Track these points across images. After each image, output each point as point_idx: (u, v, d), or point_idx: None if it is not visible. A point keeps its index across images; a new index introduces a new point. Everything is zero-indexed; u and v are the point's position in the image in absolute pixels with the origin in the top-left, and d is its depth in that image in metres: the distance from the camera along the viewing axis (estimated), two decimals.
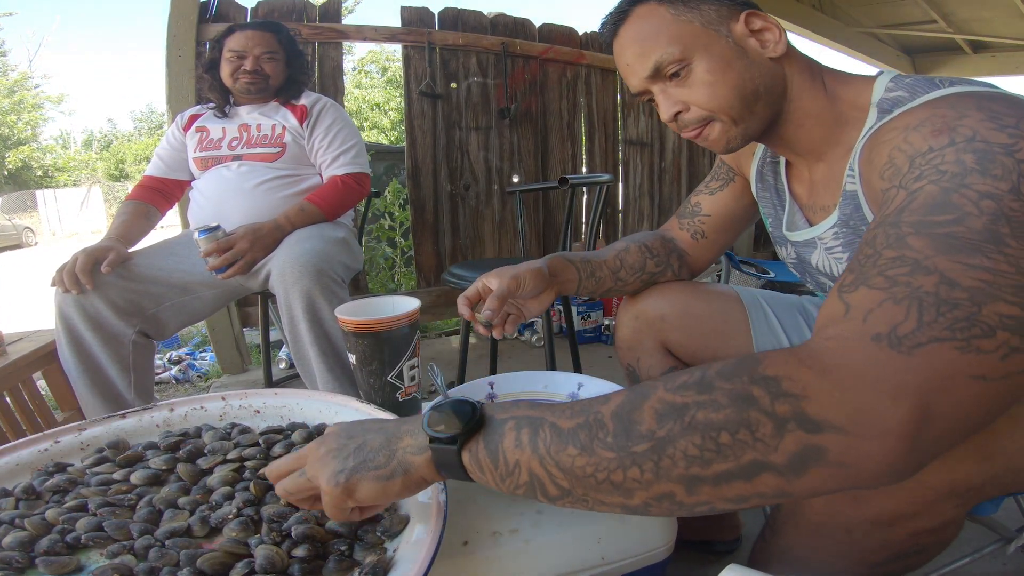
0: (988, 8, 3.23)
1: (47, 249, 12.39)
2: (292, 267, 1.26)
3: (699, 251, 0.98)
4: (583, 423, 0.43)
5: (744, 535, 1.10)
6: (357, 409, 0.78)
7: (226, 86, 1.56)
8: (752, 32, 0.68)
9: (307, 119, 1.55)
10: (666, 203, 3.30)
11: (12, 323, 1.67)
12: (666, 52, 0.67)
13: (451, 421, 0.47)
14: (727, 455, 0.39)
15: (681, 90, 0.69)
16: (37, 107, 17.77)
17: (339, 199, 1.50)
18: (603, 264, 0.92)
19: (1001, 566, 1.03)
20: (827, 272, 0.76)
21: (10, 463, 0.70)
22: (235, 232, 1.34)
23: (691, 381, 0.42)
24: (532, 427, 0.45)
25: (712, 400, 0.40)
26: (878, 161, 0.56)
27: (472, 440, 0.47)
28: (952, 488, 0.51)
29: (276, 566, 0.50)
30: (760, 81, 0.68)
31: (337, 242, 1.42)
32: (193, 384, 2.37)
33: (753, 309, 0.93)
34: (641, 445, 0.41)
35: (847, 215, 0.69)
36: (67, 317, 1.25)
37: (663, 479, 0.40)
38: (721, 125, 0.70)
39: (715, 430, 0.39)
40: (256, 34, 1.53)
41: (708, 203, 0.97)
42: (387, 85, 13.94)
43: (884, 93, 0.64)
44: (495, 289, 0.80)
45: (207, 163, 1.54)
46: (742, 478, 0.39)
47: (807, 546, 0.61)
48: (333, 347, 1.29)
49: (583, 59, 2.81)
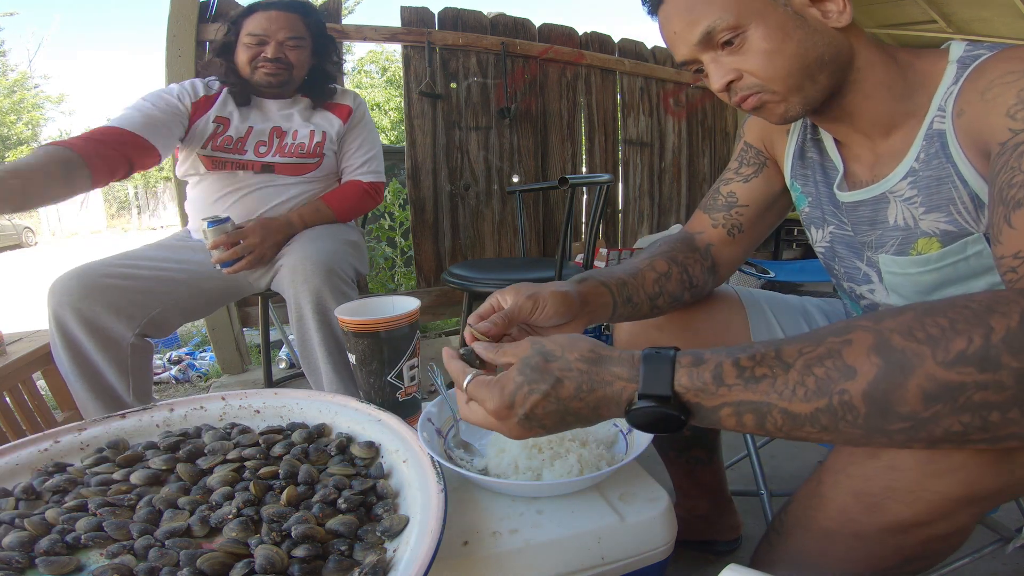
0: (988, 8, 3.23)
1: (47, 249, 12.38)
2: (304, 265, 1.23)
3: (734, 250, 0.89)
4: (825, 407, 0.40)
5: (744, 535, 1.10)
6: (357, 409, 0.78)
7: (242, 74, 1.38)
8: (812, 2, 0.64)
9: (350, 120, 1.45)
10: (666, 203, 3.30)
11: (12, 323, 1.66)
12: (719, 18, 0.64)
13: (654, 428, 0.46)
14: (989, 429, 0.37)
15: (734, 58, 0.65)
16: (37, 107, 17.74)
17: (356, 205, 1.46)
18: (640, 289, 0.79)
19: (1000, 566, 1.03)
20: (904, 226, 0.69)
21: (10, 463, 0.70)
22: (246, 225, 1.30)
23: (971, 353, 0.36)
24: (757, 414, 0.42)
25: (996, 381, 0.36)
26: (1001, 101, 0.54)
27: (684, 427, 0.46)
28: (971, 497, 0.50)
29: (276, 566, 0.50)
30: (824, 49, 0.64)
31: (349, 244, 1.39)
32: (193, 384, 2.37)
33: (752, 309, 0.93)
34: (898, 424, 0.38)
35: (930, 155, 0.64)
36: (62, 321, 1.18)
37: (911, 443, 0.39)
38: (777, 96, 0.66)
39: (988, 410, 0.36)
40: (281, 15, 1.34)
41: (744, 192, 0.88)
42: (387, 85, 13.93)
43: (963, 52, 0.62)
44: (506, 307, 0.66)
45: (224, 164, 1.37)
46: (990, 443, 0.38)
47: (815, 551, 0.59)
48: (340, 347, 1.27)
49: (583, 59, 2.81)
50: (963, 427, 0.38)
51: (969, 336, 0.37)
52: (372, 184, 1.50)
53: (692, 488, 1.05)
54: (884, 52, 0.67)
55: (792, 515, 0.63)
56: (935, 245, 0.66)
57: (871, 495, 0.52)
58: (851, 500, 0.54)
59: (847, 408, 0.39)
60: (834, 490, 0.56)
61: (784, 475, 1.36)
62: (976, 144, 0.59)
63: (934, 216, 0.65)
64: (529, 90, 2.70)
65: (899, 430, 0.38)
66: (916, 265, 0.69)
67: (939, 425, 0.38)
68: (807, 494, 0.60)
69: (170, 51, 2.02)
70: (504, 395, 0.49)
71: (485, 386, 0.51)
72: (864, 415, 0.39)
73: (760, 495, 0.97)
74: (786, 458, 1.43)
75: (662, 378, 0.45)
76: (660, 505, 0.65)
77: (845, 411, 0.39)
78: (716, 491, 1.06)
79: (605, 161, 3.01)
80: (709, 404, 0.44)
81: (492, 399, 0.50)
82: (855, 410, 0.39)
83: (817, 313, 0.95)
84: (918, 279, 0.70)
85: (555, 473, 0.67)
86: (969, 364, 0.36)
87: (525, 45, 2.65)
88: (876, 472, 0.52)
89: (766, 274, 2.45)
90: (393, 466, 0.67)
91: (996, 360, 0.36)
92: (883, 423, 0.38)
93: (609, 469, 0.65)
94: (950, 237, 0.65)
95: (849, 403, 0.39)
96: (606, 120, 2.98)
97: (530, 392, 0.49)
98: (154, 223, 18.48)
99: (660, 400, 0.45)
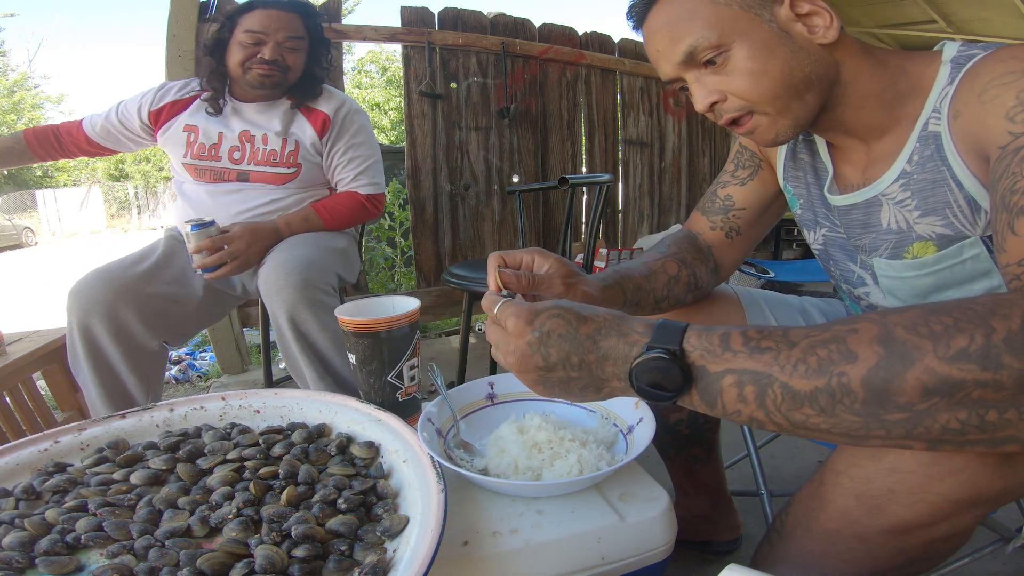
0: (988, 8, 3.23)
1: (47, 249, 12.39)
2: (277, 277, 1.18)
3: (732, 251, 0.89)
4: (824, 387, 0.40)
5: (744, 535, 1.10)
6: (356, 409, 0.78)
7: (228, 75, 1.32)
8: (799, 16, 0.63)
9: (329, 131, 1.35)
10: (666, 203, 3.30)
11: (12, 323, 1.66)
12: (701, 36, 0.62)
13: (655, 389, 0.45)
14: (986, 429, 0.37)
15: (718, 78, 0.64)
16: (37, 107, 17.75)
17: (349, 217, 1.38)
18: (651, 293, 0.80)
19: (1000, 565, 1.03)
20: (898, 230, 0.69)
21: (10, 463, 0.70)
22: (231, 229, 1.24)
23: (973, 351, 0.37)
24: (758, 385, 0.42)
25: (996, 380, 0.36)
26: (999, 103, 0.53)
27: (685, 395, 0.46)
28: (974, 500, 0.50)
29: (276, 566, 0.50)
30: (810, 68, 0.63)
31: (333, 251, 1.32)
32: (193, 384, 2.37)
33: (751, 309, 0.92)
34: (895, 415, 0.38)
35: (924, 158, 0.63)
36: (88, 327, 1.15)
37: (910, 439, 0.39)
38: (767, 118, 0.65)
39: (985, 408, 0.37)
40: (282, 14, 1.27)
41: (741, 195, 0.88)
42: (387, 85, 13.93)
43: (956, 52, 0.62)
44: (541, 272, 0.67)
45: (204, 174, 1.34)
46: (989, 445, 0.39)
47: (816, 552, 0.59)
48: (320, 355, 1.21)
49: (583, 59, 2.81)
50: (960, 424, 0.38)
51: (971, 335, 0.37)
52: (370, 197, 1.41)
53: (692, 487, 1.05)
54: (873, 59, 0.66)
55: (793, 516, 0.62)
56: (931, 249, 0.66)
57: (873, 497, 0.52)
58: (853, 502, 0.54)
59: (845, 391, 0.39)
60: (836, 492, 0.56)
61: (784, 475, 1.36)
62: (973, 147, 0.58)
63: (930, 220, 0.65)
64: (529, 90, 2.70)
65: (896, 422, 0.39)
66: (911, 269, 0.68)
67: (936, 420, 0.38)
68: (808, 495, 0.60)
69: (170, 51, 2.02)
70: (530, 313, 0.51)
71: (513, 306, 0.52)
72: (862, 400, 0.39)
73: (760, 495, 0.97)
74: (786, 458, 1.43)
75: (673, 335, 0.46)
76: (660, 505, 0.65)
77: (843, 394, 0.39)
78: (716, 490, 1.06)
79: (605, 161, 3.01)
80: (714, 368, 0.44)
81: (516, 315, 0.51)
82: (853, 394, 0.39)
83: (816, 313, 0.95)
84: (914, 283, 0.69)
85: (555, 473, 0.67)
86: (971, 361, 0.37)
87: (525, 45, 2.65)
88: (878, 474, 0.52)
89: (766, 274, 2.45)
90: (393, 466, 0.67)
91: (997, 359, 0.36)
92: (881, 411, 0.39)
93: (609, 469, 0.65)
94: (946, 241, 0.64)
95: (847, 386, 0.39)
96: (606, 120, 2.98)
97: (554, 315, 0.50)
98: (154, 223, 18.49)
99: (667, 354, 0.45)
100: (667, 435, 0.99)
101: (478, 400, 0.86)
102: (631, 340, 0.48)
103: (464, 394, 0.85)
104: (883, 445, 0.42)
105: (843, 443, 0.43)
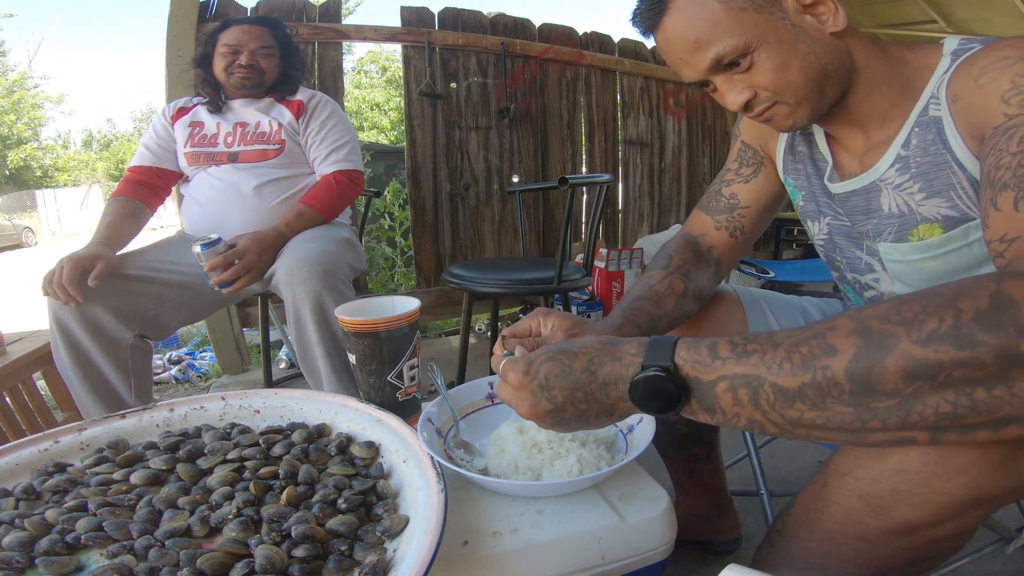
0: (988, 8, 3.23)
1: (47, 249, 12.39)
2: (300, 268, 1.24)
3: (735, 251, 0.90)
4: (810, 382, 0.41)
5: (744, 535, 1.10)
6: (357, 409, 0.78)
7: (218, 81, 1.53)
8: (805, 7, 0.65)
9: (303, 114, 1.52)
10: (666, 203, 3.30)
11: (12, 323, 1.66)
12: (726, 44, 0.65)
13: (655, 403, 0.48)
14: (981, 410, 0.38)
15: (744, 76, 0.67)
16: (37, 107, 17.76)
17: (333, 198, 1.48)
18: (663, 319, 0.79)
19: (1001, 566, 1.03)
20: (900, 213, 0.70)
21: (10, 463, 0.70)
22: (237, 242, 1.30)
23: (944, 331, 0.38)
24: (750, 388, 0.44)
25: (974, 358, 0.37)
26: (995, 86, 0.55)
27: (686, 406, 0.48)
28: (978, 499, 0.50)
29: (276, 566, 0.50)
30: (828, 59, 0.65)
31: (342, 242, 1.41)
32: (193, 384, 2.37)
33: (751, 308, 0.92)
34: (885, 402, 0.39)
35: (926, 142, 0.65)
36: (63, 323, 1.21)
37: (908, 429, 0.40)
38: (787, 107, 0.68)
39: (971, 386, 0.38)
40: (252, 28, 1.51)
41: (745, 193, 0.89)
42: (387, 85, 13.93)
43: (957, 45, 0.64)
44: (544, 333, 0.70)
45: (199, 159, 1.49)
46: (990, 429, 0.39)
47: (819, 552, 0.59)
48: (339, 348, 1.27)
49: (583, 59, 2.81)
50: (952, 407, 0.39)
51: (940, 317, 0.38)
52: (343, 172, 1.50)
53: (692, 487, 1.05)
54: (879, 48, 0.68)
55: (795, 516, 0.62)
56: (937, 230, 0.67)
57: (878, 497, 0.52)
58: (857, 503, 0.54)
59: (832, 383, 0.41)
60: (840, 493, 0.56)
61: (784, 475, 1.36)
62: (972, 130, 0.60)
63: (935, 201, 0.66)
64: (529, 90, 2.70)
65: (888, 409, 0.40)
66: (918, 251, 0.69)
67: (927, 404, 0.39)
68: (811, 496, 0.60)
69: (170, 51, 2.02)
70: (525, 364, 0.54)
71: (513, 362, 0.56)
72: (849, 391, 0.40)
73: (760, 495, 0.97)
74: (786, 458, 1.43)
75: (664, 352, 0.48)
76: (660, 505, 0.65)
77: (830, 386, 0.41)
78: (716, 490, 1.06)
79: (605, 161, 3.01)
80: (706, 378, 0.46)
81: (514, 369, 0.54)
82: (840, 385, 0.40)
83: (816, 313, 0.95)
84: (922, 266, 0.70)
85: (555, 473, 0.67)
86: (944, 342, 0.38)
87: (525, 45, 2.65)
88: (883, 475, 0.52)
89: (766, 274, 2.45)
90: (393, 466, 0.67)
91: (970, 338, 0.37)
92: (869, 400, 0.40)
93: (609, 469, 0.65)
94: (952, 222, 0.65)
95: (832, 379, 0.41)
96: (606, 120, 2.98)
97: (547, 359, 0.53)
98: (154, 223, 18.40)
99: (661, 371, 0.47)
100: (667, 435, 0.99)
101: (478, 400, 0.86)
102: (626, 362, 0.50)
103: (464, 394, 0.85)
104: (885, 440, 0.42)
105: (844, 440, 0.44)
